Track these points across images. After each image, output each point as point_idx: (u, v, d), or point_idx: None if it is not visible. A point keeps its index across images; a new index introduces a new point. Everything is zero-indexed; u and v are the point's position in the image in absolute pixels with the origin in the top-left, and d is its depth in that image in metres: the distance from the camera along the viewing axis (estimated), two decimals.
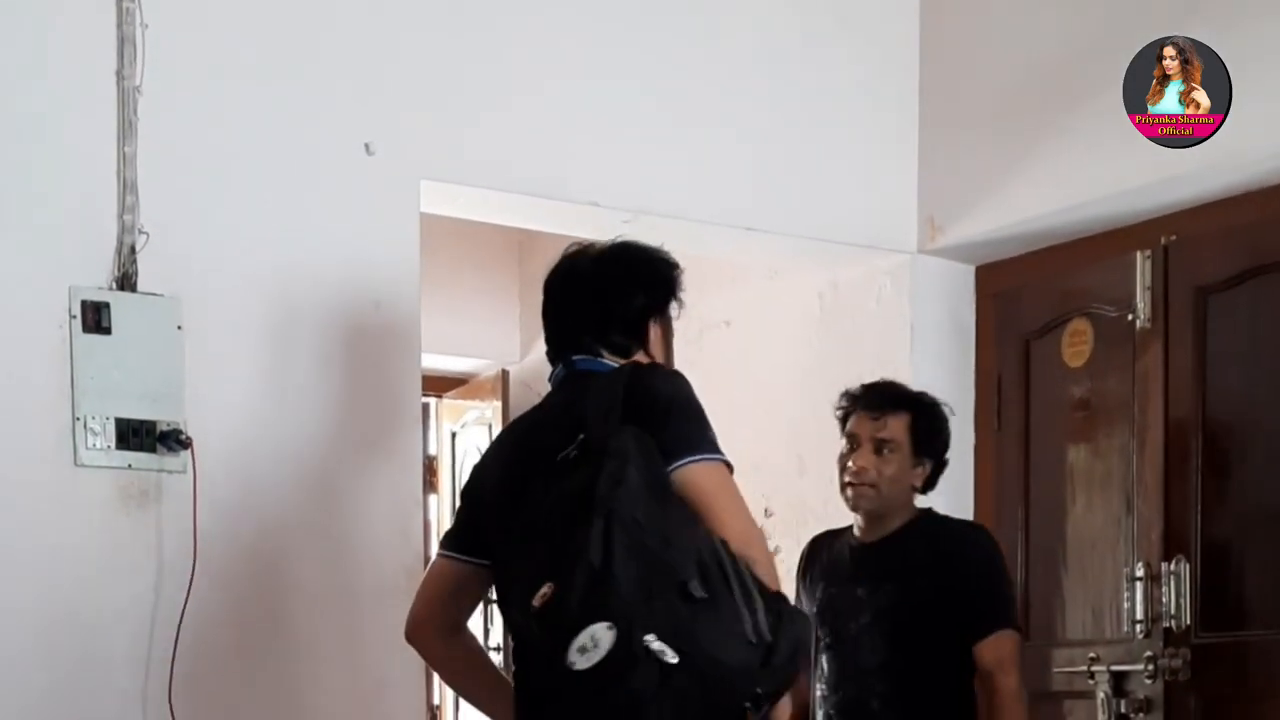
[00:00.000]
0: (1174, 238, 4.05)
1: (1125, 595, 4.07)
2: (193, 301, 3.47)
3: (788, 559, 4.90)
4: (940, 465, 3.60)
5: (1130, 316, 4.13)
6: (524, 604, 2.52)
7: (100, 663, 3.36)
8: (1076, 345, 4.36)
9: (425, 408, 6.29)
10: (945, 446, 3.60)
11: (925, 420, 3.54)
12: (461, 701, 6.30)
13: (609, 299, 2.82)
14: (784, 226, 4.37)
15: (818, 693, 3.55)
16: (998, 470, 4.59)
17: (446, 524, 6.31)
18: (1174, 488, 4.06)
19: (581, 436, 2.59)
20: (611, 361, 2.77)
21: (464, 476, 6.18)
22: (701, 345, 5.02)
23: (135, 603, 3.39)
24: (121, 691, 3.36)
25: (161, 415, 3.41)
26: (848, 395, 3.60)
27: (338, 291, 3.66)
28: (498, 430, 5.95)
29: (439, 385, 6.26)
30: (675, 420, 2.61)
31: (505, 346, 6.19)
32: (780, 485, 4.98)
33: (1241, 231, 3.93)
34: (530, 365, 6.13)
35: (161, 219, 3.44)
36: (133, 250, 3.41)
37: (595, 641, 2.38)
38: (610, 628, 2.38)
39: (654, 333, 2.83)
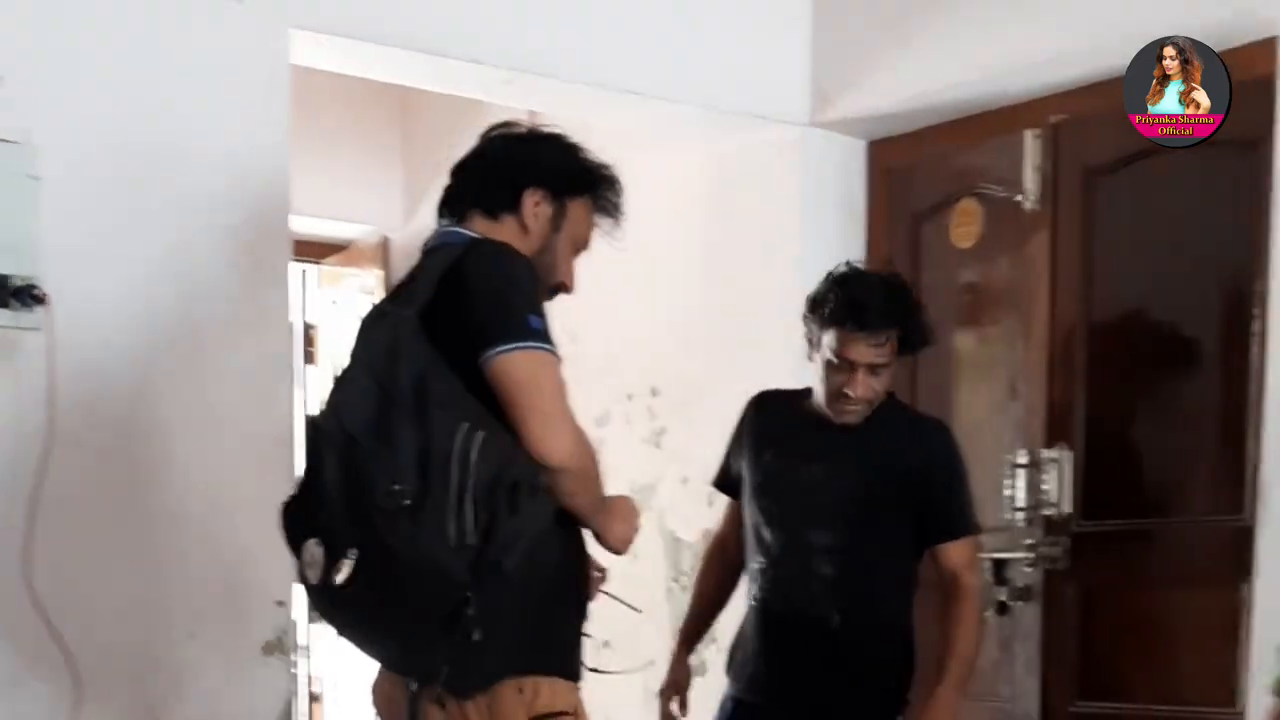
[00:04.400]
0: (1064, 117, 4.01)
1: (1008, 482, 4.07)
2: (49, 150, 3.30)
3: (672, 439, 4.89)
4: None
5: (1019, 198, 4.10)
6: (284, 512, 2.57)
7: None
8: (966, 226, 4.33)
9: (303, 274, 6.18)
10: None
11: (916, 334, 3.36)
12: None
13: (492, 158, 2.76)
14: (671, 92, 4.29)
15: (755, 564, 3.47)
16: None
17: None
18: (1058, 374, 4.07)
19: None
20: (470, 232, 2.68)
21: (344, 346, 6.15)
22: None
23: None
24: None
25: (15, 270, 3.25)
26: (833, 308, 3.30)
27: (203, 144, 3.53)
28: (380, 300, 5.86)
29: (318, 251, 6.13)
30: (485, 305, 2.50)
31: (387, 212, 6.05)
32: (667, 363, 4.94)
33: None
34: (414, 232, 5.99)
35: (14, 62, 3.28)
36: None
37: (313, 557, 2.44)
38: (319, 544, 2.44)
39: (535, 206, 2.72)
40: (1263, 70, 3.39)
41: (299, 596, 4.29)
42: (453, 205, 2.77)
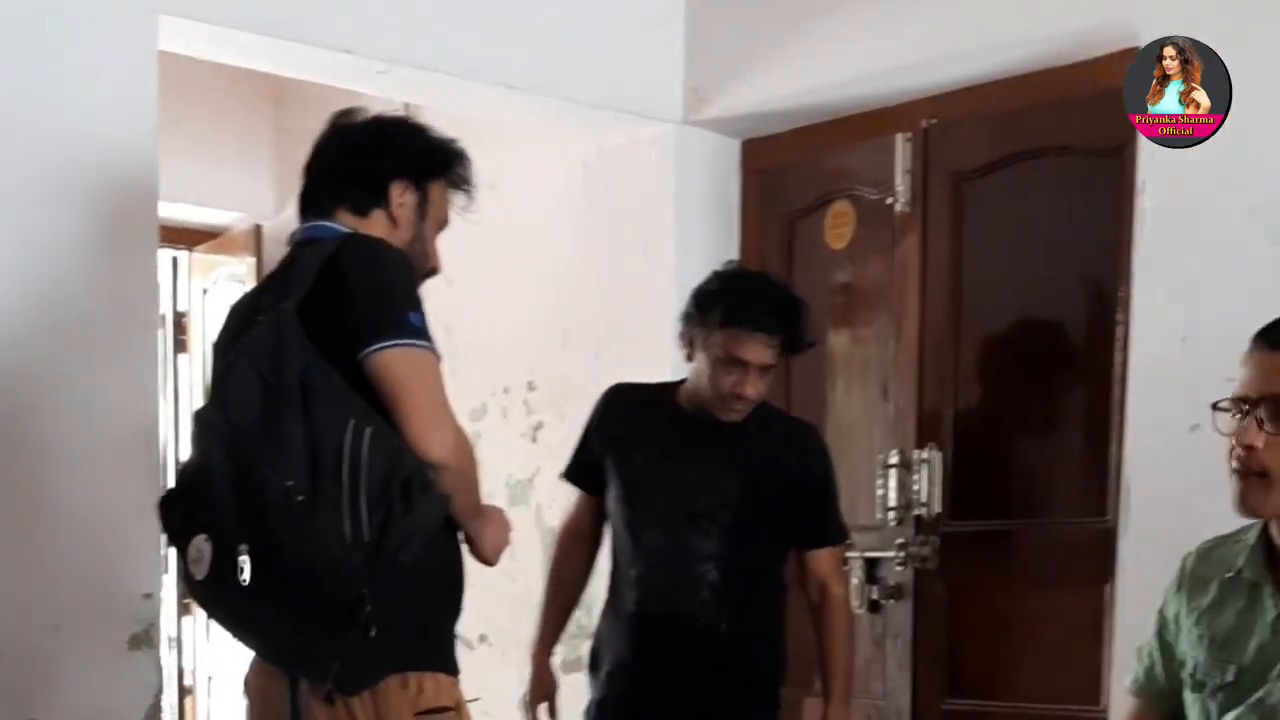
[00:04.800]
0: (934, 121, 4.05)
1: (879, 482, 4.09)
2: None
3: (549, 434, 4.87)
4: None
5: (890, 200, 4.13)
6: (163, 508, 2.55)
7: None
8: (839, 227, 4.35)
9: (174, 262, 6.09)
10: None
11: (795, 331, 3.30)
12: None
13: (349, 153, 2.72)
14: (546, 87, 4.27)
15: (632, 570, 3.39)
16: None
17: (197, 384, 6.17)
18: (929, 376, 4.10)
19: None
20: (341, 225, 2.65)
21: (214, 335, 6.07)
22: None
23: None
24: None
25: None
26: (727, 309, 3.24)
27: (68, 128, 3.46)
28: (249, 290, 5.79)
29: (189, 238, 6.04)
30: (364, 301, 2.47)
31: (259, 200, 5.97)
32: (543, 358, 4.92)
33: (1000, 117, 3.94)
34: (286, 221, 5.90)
35: None
36: None
37: (200, 553, 2.41)
38: (208, 540, 2.41)
39: (401, 197, 2.70)
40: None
41: (168, 590, 4.23)
42: (315, 203, 2.73)
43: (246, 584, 2.37)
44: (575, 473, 3.57)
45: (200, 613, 6.19)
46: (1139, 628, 3.30)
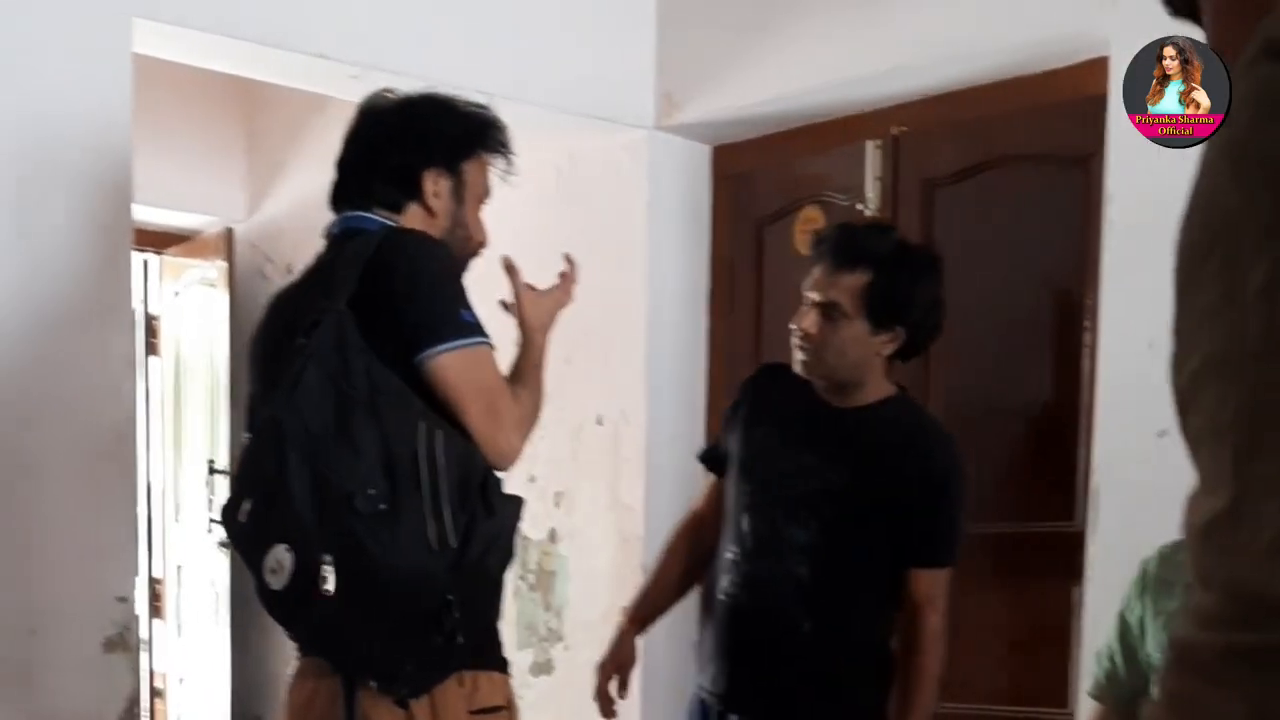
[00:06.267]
0: (905, 129, 4.07)
1: None
2: None
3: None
4: (919, 333, 3.08)
5: (860, 206, 4.15)
6: (229, 517, 2.47)
7: None
8: (808, 232, 4.36)
9: (145, 265, 6.08)
10: (920, 312, 3.04)
11: (885, 281, 2.97)
12: (177, 575, 6.22)
13: (378, 146, 2.68)
14: (518, 93, 4.26)
15: (728, 554, 3.13)
16: (729, 354, 4.59)
17: (169, 387, 6.17)
18: (899, 380, 4.09)
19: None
20: (380, 218, 2.63)
21: (185, 338, 6.07)
22: None
23: None
24: None
25: None
26: (815, 237, 3.10)
27: (41, 133, 3.46)
28: (223, 291, 5.78)
29: (160, 241, 6.03)
30: (415, 303, 2.46)
31: (231, 203, 5.96)
32: None
33: (970, 126, 3.96)
34: (258, 224, 5.94)
35: None
36: None
37: (280, 564, 2.37)
38: (289, 550, 2.36)
39: (435, 186, 2.66)
40: (1095, 88, 3.47)
41: (139, 592, 4.22)
42: (348, 200, 2.68)
43: (334, 593, 2.34)
44: (707, 454, 3.34)
45: (171, 615, 6.22)
46: (1107, 630, 3.34)
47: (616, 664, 3.27)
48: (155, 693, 6.35)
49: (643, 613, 3.33)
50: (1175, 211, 0.87)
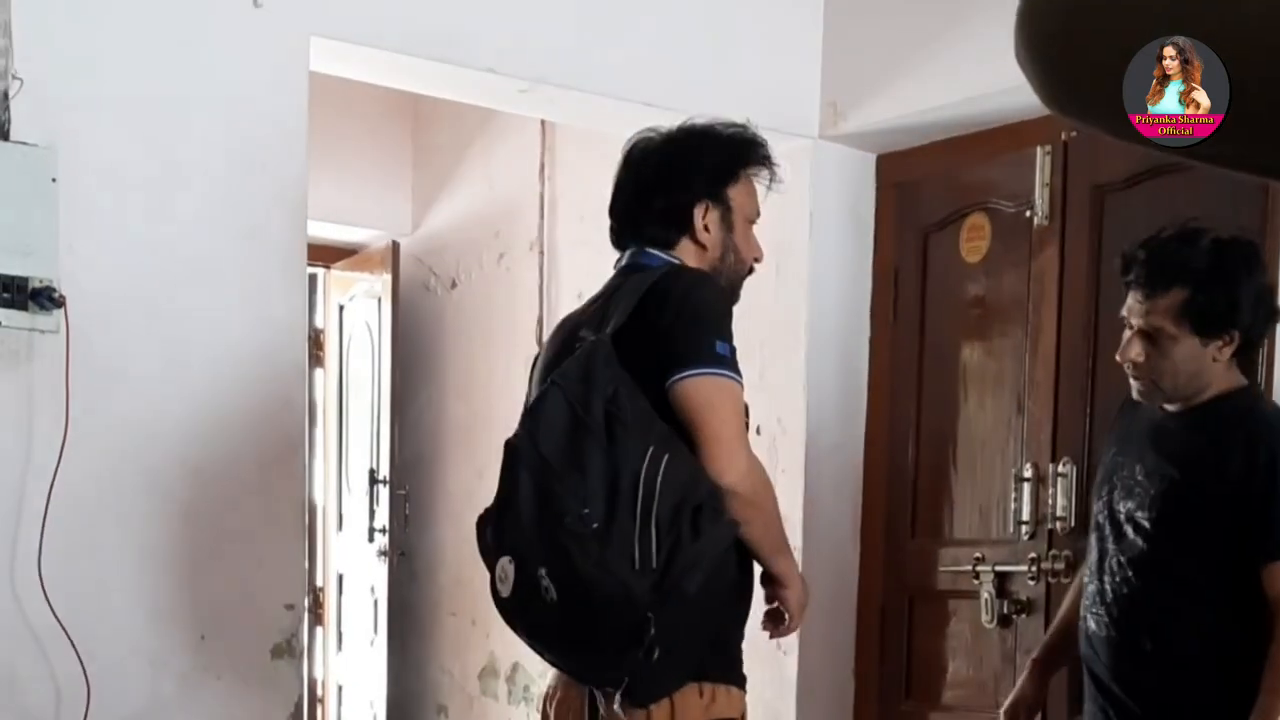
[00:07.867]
0: (1074, 134, 4.01)
1: (1013, 495, 4.08)
2: (69, 153, 3.32)
3: None
4: (1253, 329, 2.91)
5: (1028, 213, 4.11)
6: (481, 529, 2.64)
7: None
8: (974, 240, 4.34)
9: (313, 279, 6.17)
10: (1247, 313, 2.87)
11: (1204, 296, 2.82)
12: (340, 582, 6.31)
13: (642, 192, 2.79)
14: (685, 104, 4.22)
15: (1083, 577, 3.09)
16: (892, 364, 4.57)
17: (333, 398, 6.27)
18: (1064, 389, 4.06)
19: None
20: (659, 254, 2.75)
21: (350, 350, 6.16)
22: (600, 226, 4.94)
23: (1, 467, 3.27)
24: None
25: (34, 271, 3.26)
26: (1123, 259, 2.94)
27: (222, 150, 3.55)
28: (387, 304, 5.86)
29: (327, 255, 6.12)
30: (677, 331, 2.58)
31: (397, 217, 6.06)
32: None
33: None
34: (422, 238, 6.02)
35: (37, 66, 3.29)
36: (5, 97, 3.26)
37: (505, 574, 2.54)
38: (511, 561, 2.53)
39: (704, 219, 2.77)
40: None
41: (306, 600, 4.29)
42: (624, 244, 2.82)
43: (551, 604, 2.49)
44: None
45: (331, 624, 6.32)
46: None
47: (1017, 707, 3.27)
48: (315, 700, 6.46)
49: (1044, 656, 3.30)
50: None
